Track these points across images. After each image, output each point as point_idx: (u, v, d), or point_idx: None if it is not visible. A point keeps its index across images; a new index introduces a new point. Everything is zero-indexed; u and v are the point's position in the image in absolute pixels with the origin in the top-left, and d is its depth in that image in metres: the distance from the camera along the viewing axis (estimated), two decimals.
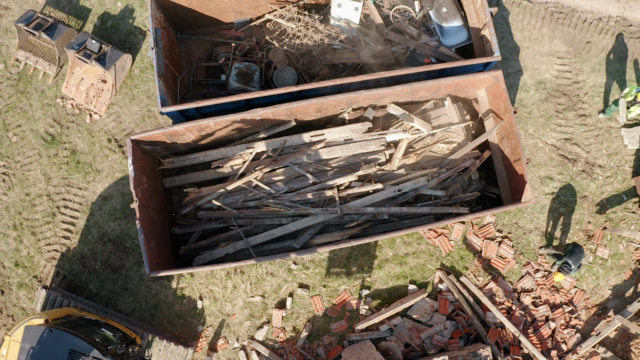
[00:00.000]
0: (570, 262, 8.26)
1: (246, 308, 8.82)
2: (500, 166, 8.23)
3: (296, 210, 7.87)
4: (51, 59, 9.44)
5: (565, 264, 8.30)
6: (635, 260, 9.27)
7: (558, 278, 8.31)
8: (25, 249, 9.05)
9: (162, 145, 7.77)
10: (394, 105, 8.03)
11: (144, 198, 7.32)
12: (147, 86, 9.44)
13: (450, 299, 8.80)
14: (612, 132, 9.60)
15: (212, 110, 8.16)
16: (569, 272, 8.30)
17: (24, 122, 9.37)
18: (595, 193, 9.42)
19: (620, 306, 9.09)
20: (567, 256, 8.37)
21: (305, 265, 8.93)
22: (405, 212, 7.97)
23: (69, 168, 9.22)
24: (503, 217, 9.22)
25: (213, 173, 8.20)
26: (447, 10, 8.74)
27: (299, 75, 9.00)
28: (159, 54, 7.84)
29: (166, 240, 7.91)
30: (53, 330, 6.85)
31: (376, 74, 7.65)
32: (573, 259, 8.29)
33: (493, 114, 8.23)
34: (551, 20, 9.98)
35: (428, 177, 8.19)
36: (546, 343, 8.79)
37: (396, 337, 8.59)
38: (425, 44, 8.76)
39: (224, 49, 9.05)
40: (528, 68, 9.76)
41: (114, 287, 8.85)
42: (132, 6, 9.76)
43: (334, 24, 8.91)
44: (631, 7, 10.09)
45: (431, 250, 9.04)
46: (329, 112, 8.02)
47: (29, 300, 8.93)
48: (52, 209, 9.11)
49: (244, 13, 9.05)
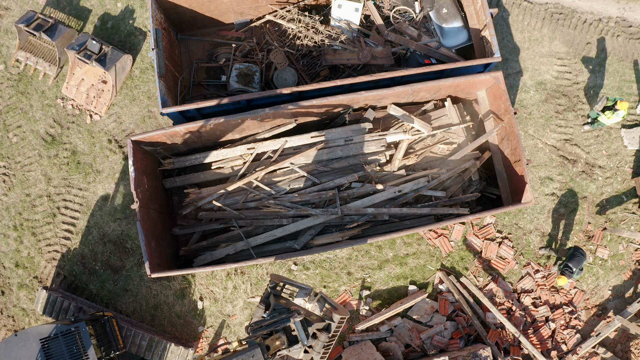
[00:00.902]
0: (572, 265, 8.28)
1: (247, 309, 8.83)
2: (501, 167, 8.25)
3: (296, 211, 7.88)
4: (51, 60, 9.44)
5: (567, 268, 8.31)
6: (635, 261, 9.29)
7: (561, 282, 8.31)
8: (25, 249, 9.05)
9: (162, 146, 7.77)
10: (395, 106, 8.03)
11: (145, 199, 7.32)
12: (148, 87, 9.45)
13: (450, 300, 8.81)
14: (612, 132, 9.61)
15: (212, 111, 8.16)
16: (571, 276, 8.31)
17: (24, 122, 9.37)
18: (595, 194, 9.43)
19: (620, 307, 9.11)
20: (568, 260, 8.38)
21: (306, 265, 8.93)
22: (406, 213, 7.98)
23: (69, 169, 9.22)
24: (503, 218, 9.23)
25: (213, 174, 8.21)
26: (448, 11, 8.75)
27: (300, 76, 9.00)
28: (160, 54, 7.85)
29: (167, 241, 7.91)
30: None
31: (377, 74, 7.67)
32: (574, 262, 8.30)
33: (493, 114, 8.24)
34: (551, 21, 9.99)
35: (428, 177, 8.20)
36: (546, 343, 8.81)
37: (396, 337, 8.60)
38: (426, 45, 8.76)
39: (224, 50, 9.06)
40: (528, 69, 9.77)
41: (115, 288, 8.85)
42: (132, 7, 9.76)
43: (334, 24, 8.91)
44: (631, 8, 10.11)
45: (431, 251, 9.05)
46: (329, 112, 8.02)
47: (29, 301, 8.93)
48: (53, 210, 9.11)
49: (244, 14, 9.06)
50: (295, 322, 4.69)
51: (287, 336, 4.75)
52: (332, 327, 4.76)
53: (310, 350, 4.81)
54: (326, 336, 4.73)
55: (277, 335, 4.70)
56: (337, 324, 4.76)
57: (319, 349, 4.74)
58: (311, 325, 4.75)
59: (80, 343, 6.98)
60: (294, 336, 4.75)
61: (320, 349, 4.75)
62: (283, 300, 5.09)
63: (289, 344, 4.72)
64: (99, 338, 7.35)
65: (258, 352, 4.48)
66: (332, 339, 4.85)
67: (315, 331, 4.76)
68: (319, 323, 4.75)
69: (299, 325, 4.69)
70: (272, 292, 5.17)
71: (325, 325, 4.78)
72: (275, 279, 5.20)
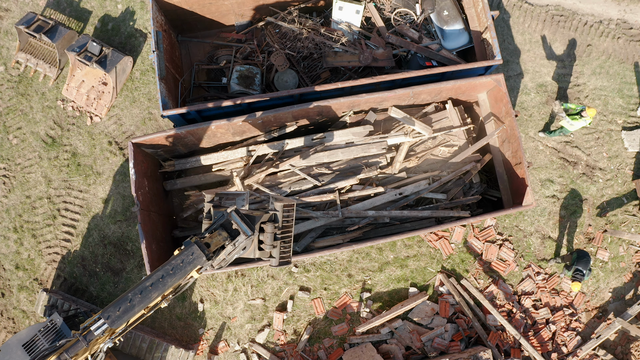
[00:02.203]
0: (581, 268, 8.30)
1: (247, 311, 8.82)
2: (501, 169, 8.25)
3: (297, 214, 7.87)
4: (52, 61, 9.43)
5: (578, 272, 8.31)
6: (635, 263, 9.29)
7: (576, 288, 8.26)
8: (25, 251, 9.03)
9: (163, 148, 7.76)
10: (395, 108, 8.03)
11: (145, 201, 7.32)
12: (148, 89, 9.44)
13: (451, 302, 8.81)
14: (612, 134, 9.62)
15: (213, 113, 8.15)
16: (583, 278, 8.32)
17: (24, 124, 9.36)
18: (595, 196, 9.43)
19: (620, 309, 9.11)
20: (576, 264, 8.37)
21: (306, 268, 8.93)
22: (407, 215, 7.98)
23: (69, 170, 9.21)
24: (504, 220, 9.23)
25: (214, 176, 8.20)
26: (449, 14, 8.75)
27: (300, 78, 8.99)
28: (160, 56, 7.83)
29: (167, 243, 7.91)
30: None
31: (378, 77, 7.66)
32: (582, 264, 8.32)
33: (494, 117, 8.23)
34: (552, 23, 9.99)
35: (429, 180, 8.20)
36: (547, 346, 8.81)
37: (397, 339, 8.60)
38: (427, 47, 8.76)
39: (225, 52, 9.05)
40: (529, 71, 9.77)
41: (115, 290, 8.84)
42: (132, 8, 9.75)
43: (335, 27, 8.91)
44: (632, 9, 10.11)
45: (432, 253, 9.04)
46: (330, 115, 8.02)
47: (29, 303, 8.92)
48: (53, 212, 9.10)
49: (245, 16, 9.05)
50: (232, 213, 4.59)
51: (228, 232, 4.65)
52: (279, 216, 4.65)
53: (264, 246, 4.72)
54: (273, 226, 4.62)
55: (217, 232, 4.64)
56: (282, 212, 4.64)
57: (271, 241, 4.64)
58: (255, 220, 4.66)
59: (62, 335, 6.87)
60: (235, 230, 4.65)
61: (272, 241, 4.65)
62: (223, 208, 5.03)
63: (232, 239, 4.64)
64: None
65: (196, 249, 4.46)
66: (286, 231, 4.70)
67: (262, 225, 4.67)
68: (263, 216, 4.65)
69: (234, 216, 4.59)
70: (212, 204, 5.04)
71: (271, 217, 4.67)
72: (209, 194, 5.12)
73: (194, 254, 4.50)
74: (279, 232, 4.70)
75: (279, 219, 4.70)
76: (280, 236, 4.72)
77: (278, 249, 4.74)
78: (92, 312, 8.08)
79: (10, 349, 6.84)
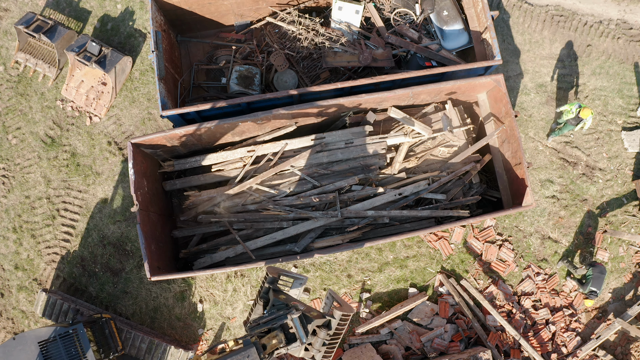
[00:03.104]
0: (596, 289, 8.33)
1: (246, 311, 8.81)
2: (501, 170, 8.23)
3: (297, 214, 7.86)
4: (51, 61, 9.41)
5: (592, 293, 8.36)
6: (635, 264, 9.28)
7: (589, 304, 8.59)
8: (25, 251, 9.02)
9: (162, 148, 7.75)
10: (395, 108, 8.02)
11: (145, 201, 7.30)
12: (147, 89, 9.42)
13: (450, 302, 8.80)
14: (612, 135, 9.61)
15: (212, 114, 8.14)
16: (596, 296, 8.39)
17: (23, 124, 9.35)
18: (595, 196, 9.43)
19: (620, 309, 9.10)
20: (591, 284, 8.33)
21: (306, 268, 8.92)
22: (406, 215, 7.97)
23: (68, 171, 9.20)
24: (503, 221, 9.22)
25: (213, 176, 8.19)
26: (448, 14, 8.74)
27: (300, 79, 8.98)
28: (160, 57, 7.82)
29: (166, 243, 7.89)
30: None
31: (377, 77, 7.65)
32: (597, 284, 8.31)
33: (494, 117, 8.22)
34: (552, 23, 9.98)
35: (429, 180, 8.19)
36: (546, 346, 8.80)
37: (397, 340, 8.59)
38: (426, 47, 8.75)
39: (224, 52, 9.04)
40: (529, 71, 9.76)
41: (114, 290, 8.83)
42: (132, 8, 9.74)
43: (334, 27, 8.90)
44: (632, 10, 10.10)
45: (432, 254, 9.04)
46: (330, 115, 8.01)
47: (28, 303, 8.91)
48: (52, 212, 9.09)
49: (244, 16, 9.04)
50: (293, 319, 4.48)
51: (285, 334, 4.56)
52: (333, 324, 4.52)
53: (310, 348, 4.59)
54: (326, 333, 4.50)
55: (274, 333, 4.53)
56: (338, 320, 4.51)
57: (319, 346, 4.53)
58: (311, 321, 4.55)
59: (79, 345, 6.98)
60: (292, 334, 4.56)
61: (320, 346, 4.53)
62: (282, 296, 4.88)
63: (287, 342, 4.54)
64: (98, 340, 7.34)
65: (253, 352, 4.35)
66: (335, 338, 4.60)
67: (315, 328, 4.55)
68: (319, 319, 4.52)
69: (296, 322, 4.48)
70: (272, 287, 4.92)
71: (326, 322, 4.55)
72: (271, 272, 4.96)
73: (250, 357, 4.37)
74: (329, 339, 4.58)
75: (332, 327, 4.56)
76: (328, 342, 4.60)
77: (322, 354, 4.60)
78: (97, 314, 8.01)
79: (24, 341, 6.94)
